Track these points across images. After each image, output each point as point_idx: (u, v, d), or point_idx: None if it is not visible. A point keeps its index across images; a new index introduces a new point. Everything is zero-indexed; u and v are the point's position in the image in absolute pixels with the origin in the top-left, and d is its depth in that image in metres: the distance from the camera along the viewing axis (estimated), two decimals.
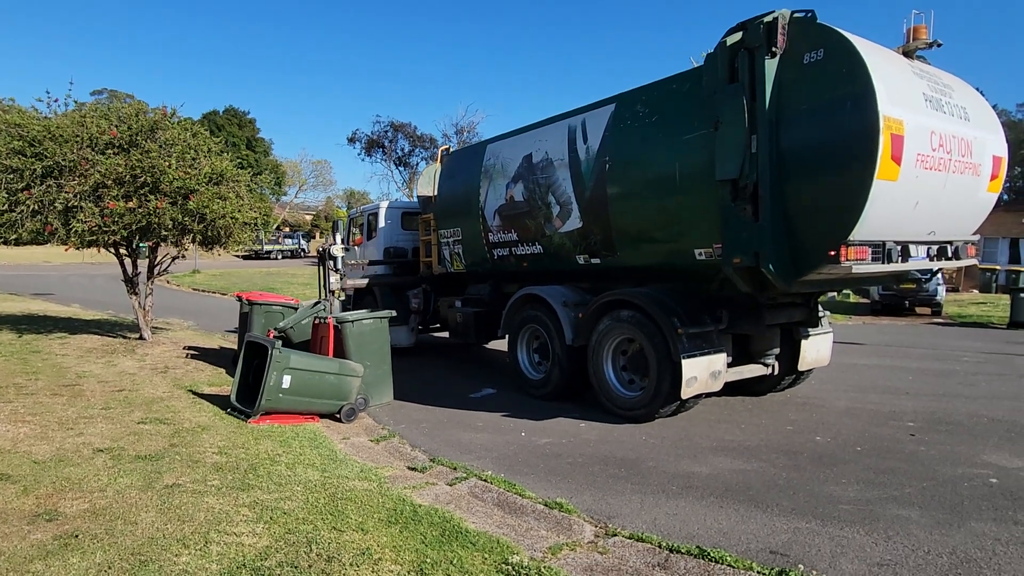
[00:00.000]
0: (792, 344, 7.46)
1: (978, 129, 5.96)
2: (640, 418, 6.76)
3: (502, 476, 5.11)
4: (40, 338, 10.52)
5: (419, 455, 5.82)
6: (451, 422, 7.05)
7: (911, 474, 5.06)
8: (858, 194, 5.01)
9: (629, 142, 6.91)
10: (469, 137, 44.35)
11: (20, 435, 5.36)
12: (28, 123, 9.34)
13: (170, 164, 9.33)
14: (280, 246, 52.60)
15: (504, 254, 8.98)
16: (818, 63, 5.26)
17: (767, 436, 6.25)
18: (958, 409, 7.21)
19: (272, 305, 9.36)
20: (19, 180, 8.92)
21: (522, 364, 8.54)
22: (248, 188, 10.68)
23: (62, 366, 8.55)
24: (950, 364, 10.27)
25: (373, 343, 7.73)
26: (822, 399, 7.80)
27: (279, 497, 4.31)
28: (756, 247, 5.58)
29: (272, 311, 9.26)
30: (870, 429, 6.45)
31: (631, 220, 7.02)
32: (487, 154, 9.18)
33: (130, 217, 9.07)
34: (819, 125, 5.22)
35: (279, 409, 6.52)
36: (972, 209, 6.25)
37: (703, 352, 6.41)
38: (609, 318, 7.07)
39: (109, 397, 6.93)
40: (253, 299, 9.39)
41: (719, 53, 5.83)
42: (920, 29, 5.93)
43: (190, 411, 6.59)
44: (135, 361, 9.16)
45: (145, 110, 10.31)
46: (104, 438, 5.43)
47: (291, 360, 6.52)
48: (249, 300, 9.39)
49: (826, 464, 5.35)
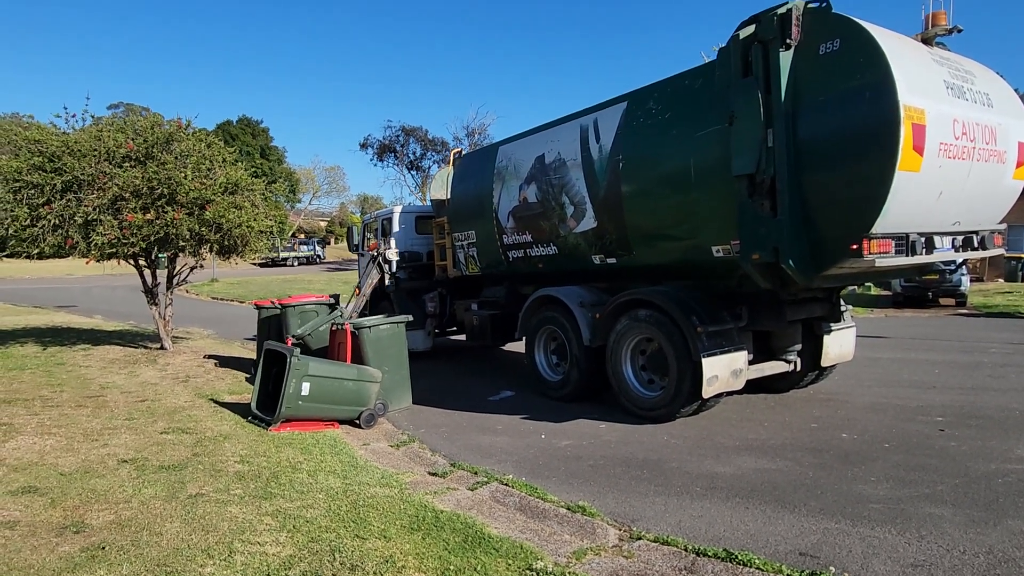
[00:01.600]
0: (814, 340, 7.33)
1: (1002, 115, 5.81)
2: (661, 418, 6.68)
3: (523, 480, 5.08)
4: (64, 350, 10.68)
5: (439, 460, 5.80)
6: (470, 425, 7.03)
7: (942, 471, 4.94)
8: (880, 186, 4.91)
9: (642, 140, 6.85)
10: (480, 139, 44.45)
11: (47, 447, 5.43)
12: (47, 139, 9.49)
13: (186, 175, 9.44)
14: (296, 253, 53.08)
15: (519, 256, 8.94)
16: (834, 54, 5.16)
17: (791, 434, 6.15)
18: (987, 403, 7.04)
19: (306, 305, 9.40)
20: (40, 195, 9.07)
21: (540, 366, 8.49)
22: (263, 196, 10.78)
23: (86, 377, 8.67)
24: (977, 356, 10.05)
25: (391, 348, 7.73)
26: (846, 395, 7.66)
27: (301, 505, 4.32)
28: (775, 242, 5.48)
29: (306, 311, 9.31)
30: (897, 425, 6.32)
31: (646, 218, 6.95)
32: (499, 156, 9.15)
33: (148, 229, 9.18)
34: (837, 117, 5.12)
35: (299, 416, 6.54)
36: (998, 198, 6.10)
37: (724, 350, 6.32)
38: (627, 318, 7.01)
39: (132, 407, 7.00)
40: (286, 303, 9.46)
41: (732, 47, 5.75)
42: (939, 15, 5.81)
43: (211, 420, 6.64)
44: (157, 371, 9.26)
45: (160, 122, 10.44)
46: (128, 449, 5.48)
47: (310, 367, 6.54)
48: (282, 304, 9.47)
49: (853, 462, 5.25)
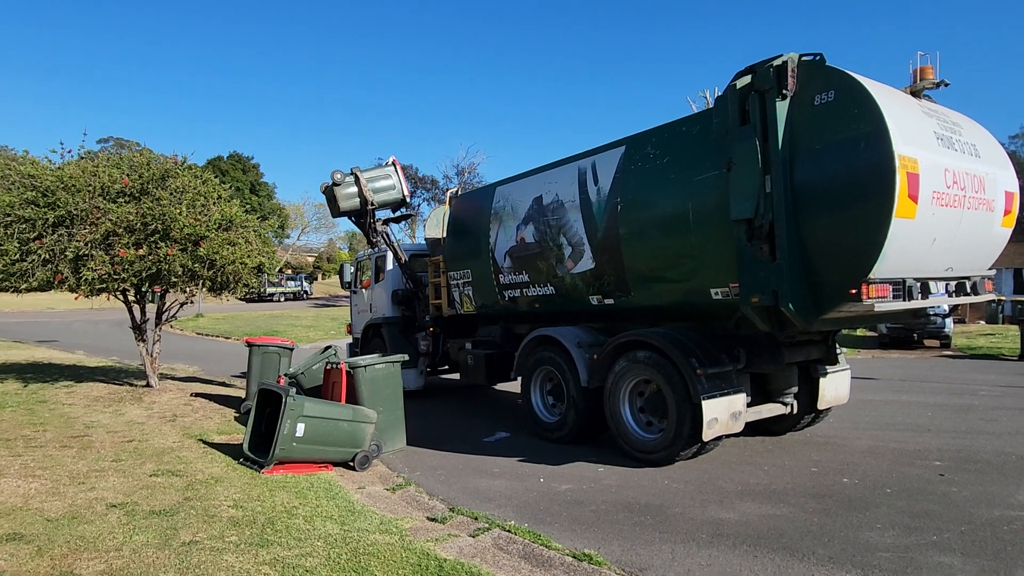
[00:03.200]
0: (810, 382, 7.36)
1: (989, 165, 6.01)
2: (660, 461, 6.62)
3: (525, 526, 4.97)
4: (46, 387, 10.41)
5: (438, 504, 5.67)
6: (467, 468, 6.90)
7: (947, 517, 4.92)
8: (877, 232, 5.01)
9: (641, 183, 6.96)
10: (470, 178, 44.95)
11: (31, 491, 5.23)
12: (41, 174, 9.44)
13: (180, 211, 9.40)
14: (282, 288, 52.64)
15: (515, 295, 8.95)
16: (829, 104, 5.32)
17: (792, 479, 6.11)
18: (984, 447, 7.07)
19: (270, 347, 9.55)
20: (31, 230, 8.96)
21: (536, 407, 8.41)
22: (256, 233, 10.75)
23: (70, 416, 8.43)
24: (967, 399, 10.14)
25: (386, 388, 7.63)
26: (843, 438, 7.66)
27: (300, 553, 4.18)
28: (774, 286, 5.55)
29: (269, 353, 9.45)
30: (897, 469, 6.31)
31: (644, 260, 7.01)
32: (496, 196, 9.24)
33: (140, 264, 9.08)
34: (834, 165, 5.25)
35: (293, 458, 6.39)
36: (988, 244, 6.25)
37: (723, 392, 6.32)
38: (625, 359, 7.00)
39: (119, 448, 6.81)
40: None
41: (729, 96, 5.91)
42: (927, 69, 6.04)
43: (202, 462, 6.46)
44: (143, 409, 9.04)
45: (156, 159, 10.44)
46: (117, 492, 5.30)
47: (305, 407, 6.42)
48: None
49: (857, 508, 5.21)
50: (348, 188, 10.93)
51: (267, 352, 9.52)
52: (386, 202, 11.42)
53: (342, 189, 10.86)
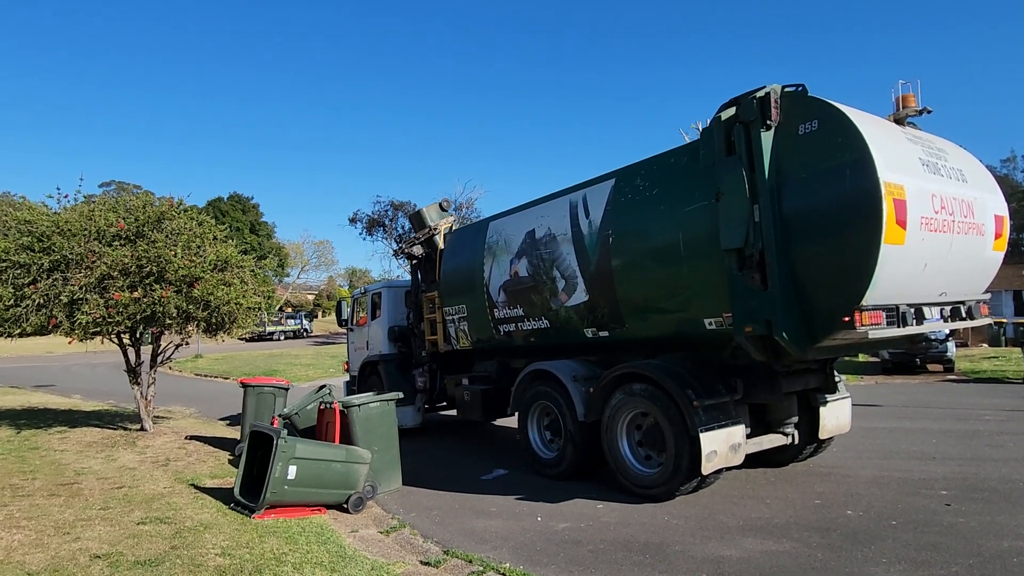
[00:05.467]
0: (810, 411, 7.26)
1: (977, 190, 6.03)
2: (659, 496, 6.48)
3: (521, 568, 4.83)
4: (39, 433, 10.28)
5: (432, 547, 5.53)
6: (463, 508, 6.76)
7: (955, 550, 4.78)
8: (867, 259, 5.00)
9: (631, 215, 6.98)
10: (468, 213, 45.24)
11: (14, 543, 5.10)
12: (37, 219, 9.49)
13: (175, 253, 9.42)
14: (282, 327, 52.50)
15: (510, 329, 8.90)
16: (814, 134, 5.38)
17: (795, 512, 5.97)
18: (990, 474, 6.93)
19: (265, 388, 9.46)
20: (26, 275, 8.98)
21: (533, 443, 8.28)
22: (252, 272, 10.75)
23: (60, 463, 8.30)
24: (972, 424, 9.98)
25: (380, 427, 7.51)
26: (847, 468, 7.51)
27: None
28: (767, 315, 5.52)
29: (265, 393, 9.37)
30: (902, 499, 6.16)
31: (637, 292, 6.99)
32: (490, 231, 9.27)
33: (135, 307, 9.06)
34: (821, 194, 5.28)
35: (284, 502, 6.26)
36: (980, 268, 6.23)
37: (721, 424, 6.22)
38: (621, 392, 6.91)
39: (108, 495, 6.67)
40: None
41: (715, 127, 5.97)
42: (909, 97, 6.11)
43: (192, 508, 6.32)
44: (136, 454, 8.90)
45: (152, 201, 10.52)
46: (102, 542, 5.17)
47: (297, 449, 6.32)
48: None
49: (862, 541, 5.07)
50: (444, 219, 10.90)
51: (262, 393, 9.42)
52: None
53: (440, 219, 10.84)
